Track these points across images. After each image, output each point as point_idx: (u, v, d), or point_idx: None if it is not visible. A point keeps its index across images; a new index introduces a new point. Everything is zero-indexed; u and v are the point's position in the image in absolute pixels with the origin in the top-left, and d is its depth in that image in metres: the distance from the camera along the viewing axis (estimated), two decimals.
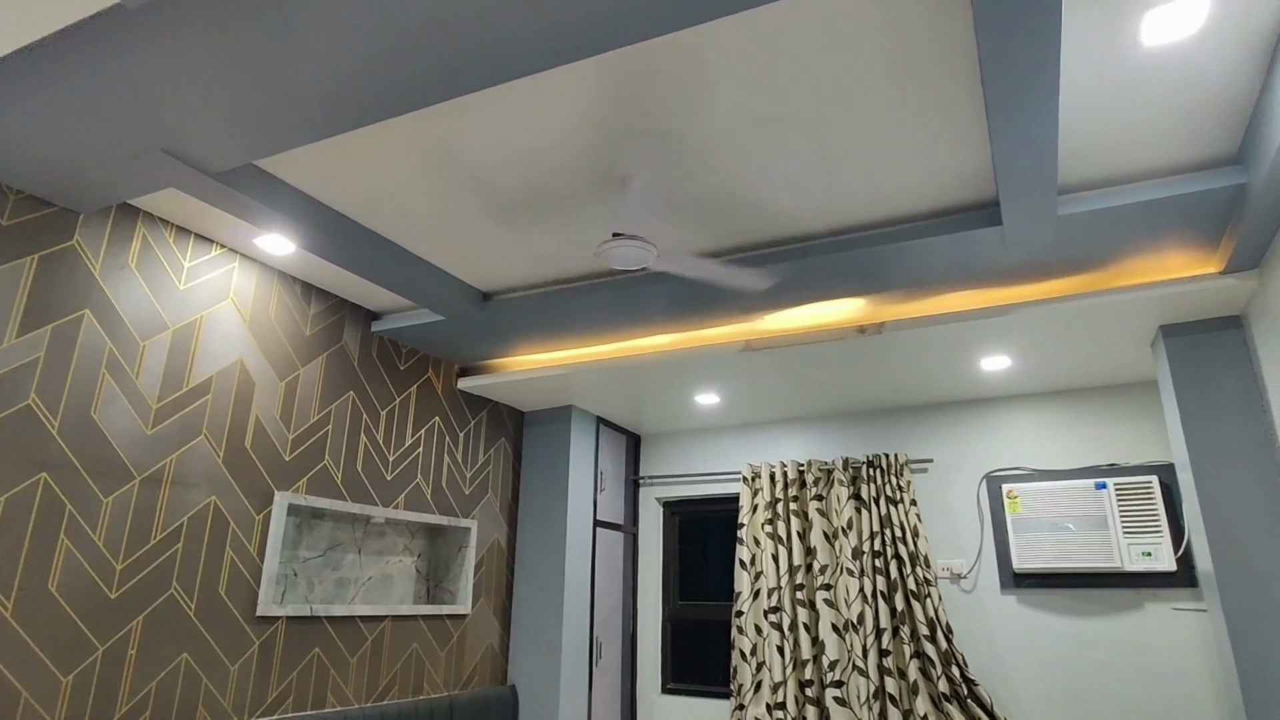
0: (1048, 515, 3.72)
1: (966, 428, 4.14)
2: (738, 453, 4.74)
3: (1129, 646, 3.52)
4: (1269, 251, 2.53)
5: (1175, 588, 3.49)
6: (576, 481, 4.35)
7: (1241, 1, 1.75)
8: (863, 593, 4.01)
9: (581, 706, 4.07)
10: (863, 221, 2.73)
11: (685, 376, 3.89)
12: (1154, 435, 3.71)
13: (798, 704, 4.04)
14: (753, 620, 4.27)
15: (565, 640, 4.03)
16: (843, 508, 4.19)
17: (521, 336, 3.67)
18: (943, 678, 3.71)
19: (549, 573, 4.16)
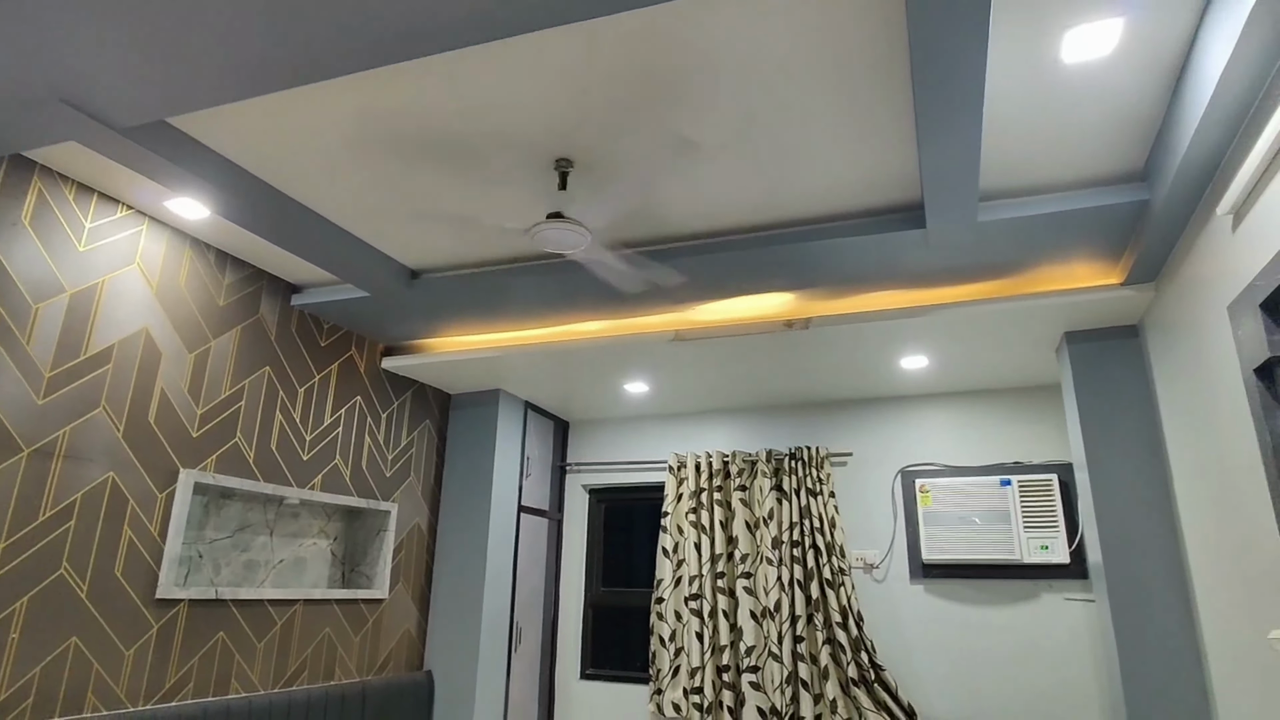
0: (956, 509, 3.89)
1: (885, 423, 4.29)
2: (664, 442, 4.77)
3: (1024, 633, 3.73)
4: (1165, 265, 2.71)
5: (1068, 579, 3.71)
6: (502, 466, 4.30)
7: (1151, 25, 1.85)
8: (780, 581, 4.11)
9: (499, 693, 4.04)
10: (794, 218, 2.78)
11: (616, 364, 3.89)
12: (1055, 436, 3.93)
13: (714, 688, 4.12)
14: (673, 607, 4.33)
15: (485, 626, 3.99)
16: (765, 498, 4.29)
17: (450, 317, 3.60)
18: (852, 663, 3.84)
19: (471, 558, 4.11)
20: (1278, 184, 1.79)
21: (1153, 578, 2.90)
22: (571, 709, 4.54)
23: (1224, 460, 2.30)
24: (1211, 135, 1.98)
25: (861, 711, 3.78)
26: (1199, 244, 2.34)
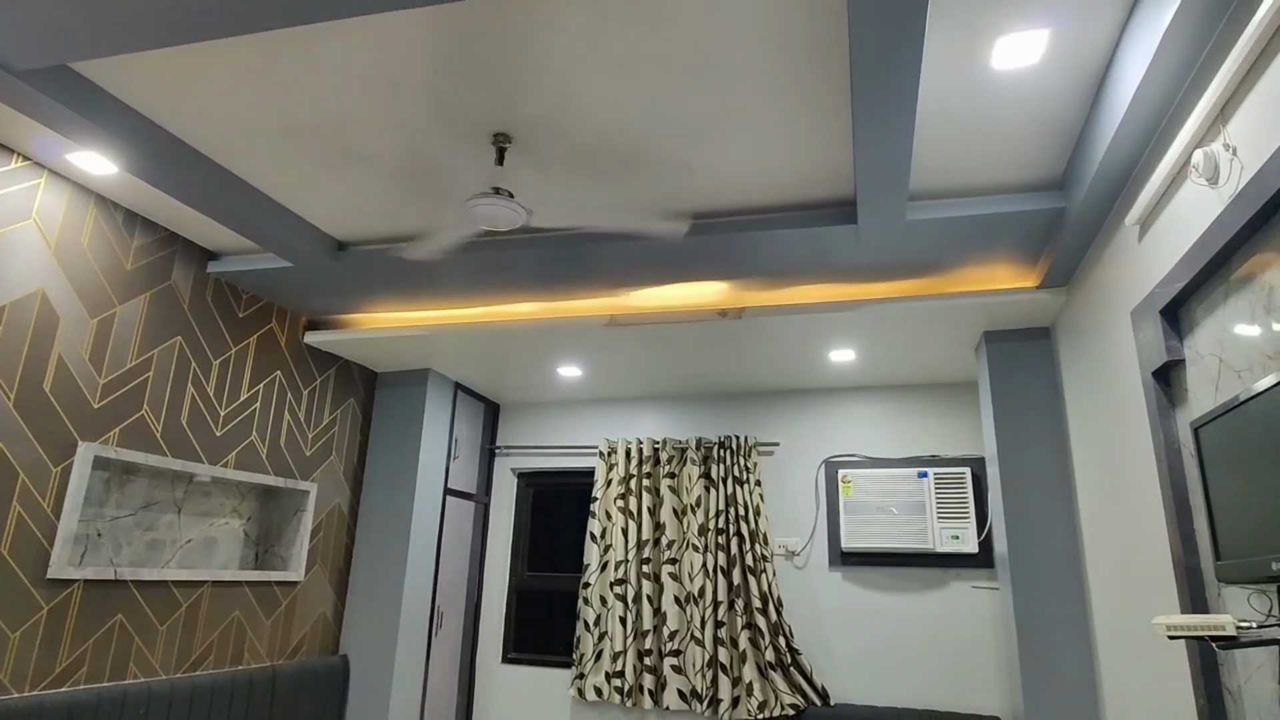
0: (875, 499, 4.02)
1: (811, 415, 4.39)
2: (596, 427, 4.77)
3: (933, 619, 3.89)
4: (1077, 271, 2.84)
5: (976, 568, 3.89)
6: (429, 448, 4.22)
7: (1075, 38, 1.93)
8: (705, 568, 4.17)
9: (417, 677, 3.97)
10: (730, 207, 2.80)
11: (549, 347, 3.86)
12: (971, 431, 4.10)
13: (636, 672, 4.15)
14: (599, 592, 4.34)
15: (405, 610, 3.91)
16: (693, 485, 4.33)
17: (378, 292, 3.49)
18: (770, 647, 3.94)
19: (393, 540, 4.01)
20: (1180, 198, 1.90)
21: (1052, 568, 3.06)
22: (492, 693, 4.51)
23: (1121, 458, 2.44)
24: (1124, 148, 2.08)
25: (777, 694, 3.88)
26: (1108, 252, 2.47)
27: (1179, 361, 1.96)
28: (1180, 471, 1.98)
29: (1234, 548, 1.56)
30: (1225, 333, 1.72)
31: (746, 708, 3.89)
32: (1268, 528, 1.42)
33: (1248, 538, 1.50)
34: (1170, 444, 2.00)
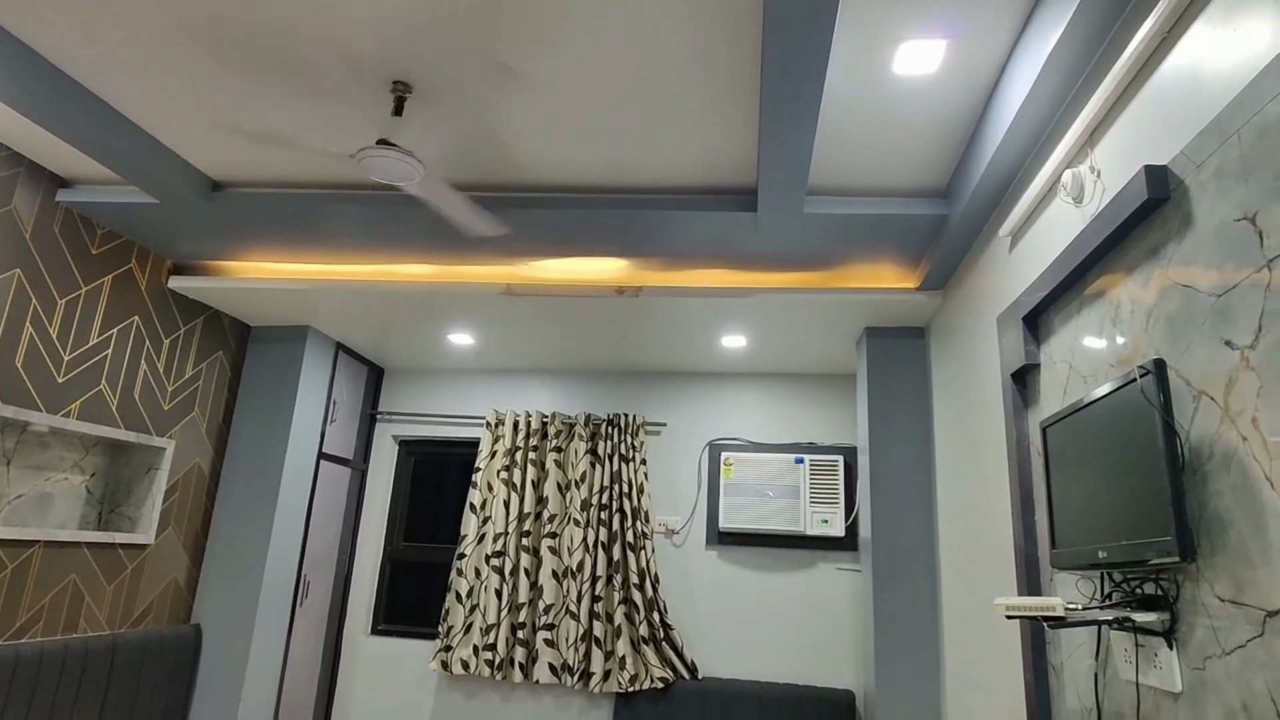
0: (754, 482, 4.16)
1: (700, 397, 4.48)
2: (484, 398, 4.67)
3: (799, 598, 4.09)
4: (953, 276, 3.03)
5: (841, 551, 4.11)
6: (305, 409, 4.00)
7: (969, 54, 2.04)
8: (585, 542, 4.19)
9: (277, 648, 3.79)
10: (634, 184, 2.79)
11: (441, 312, 3.73)
12: (846, 421, 4.30)
13: (508, 645, 4.13)
14: (474, 564, 4.27)
15: (268, 578, 3.71)
16: (579, 461, 4.33)
17: (257, 239, 3.26)
18: (644, 622, 4.02)
19: (258, 505, 3.79)
20: (1049, 214, 2.05)
21: (909, 553, 3.27)
22: (358, 665, 4.37)
23: (977, 453, 2.64)
24: (1005, 163, 2.22)
25: (648, 667, 3.96)
26: (982, 260, 2.64)
27: (1035, 365, 2.12)
28: (1028, 467, 2.15)
29: (1067, 538, 1.71)
30: (1076, 341, 1.88)
31: (617, 680, 3.96)
32: (1096, 520, 1.56)
33: (1079, 529, 1.65)
34: (1021, 441, 2.18)
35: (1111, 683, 1.65)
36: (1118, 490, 1.48)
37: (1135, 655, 1.53)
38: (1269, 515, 1.17)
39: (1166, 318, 1.47)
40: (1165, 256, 1.48)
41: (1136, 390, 1.40)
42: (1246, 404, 1.23)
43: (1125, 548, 1.42)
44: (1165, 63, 1.50)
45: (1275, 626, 1.15)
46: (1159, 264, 1.50)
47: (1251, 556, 1.21)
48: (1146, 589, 1.50)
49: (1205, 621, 1.32)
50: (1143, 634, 1.50)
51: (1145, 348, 1.55)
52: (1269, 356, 1.17)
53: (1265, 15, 1.20)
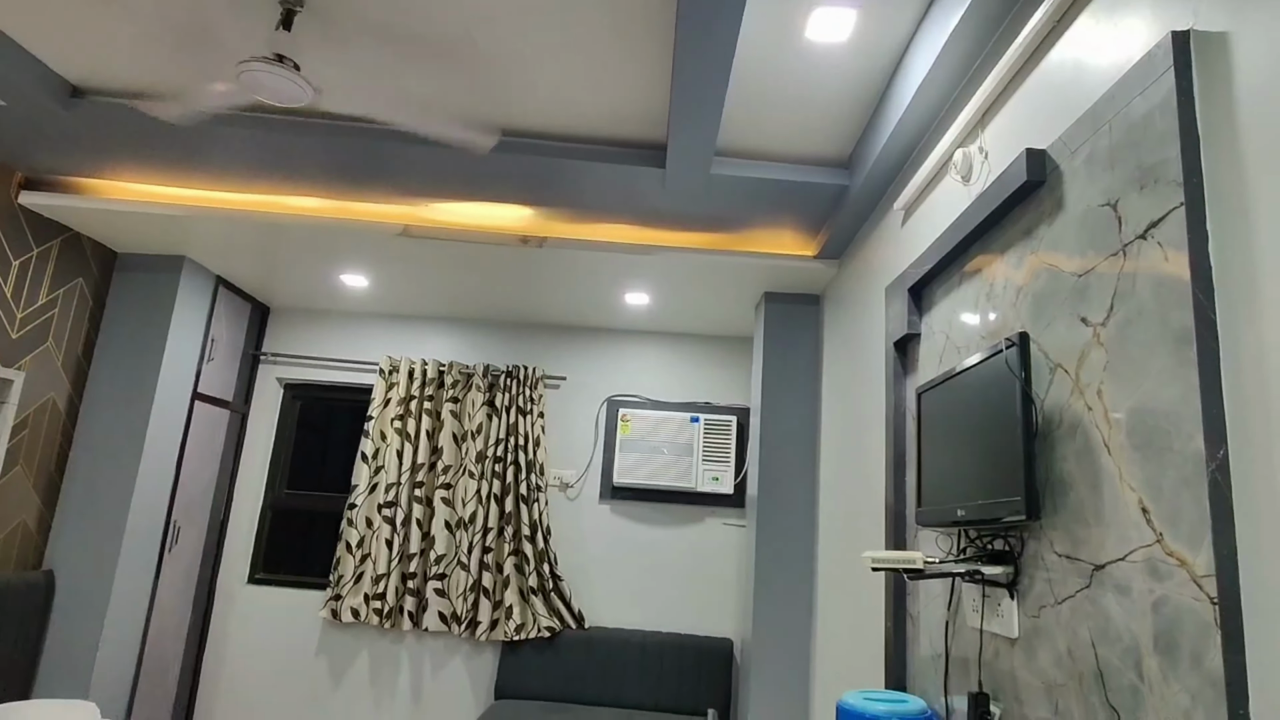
0: (649, 439, 4.23)
1: (600, 353, 4.48)
2: (378, 343, 4.51)
3: (687, 552, 4.22)
4: (849, 247, 3.13)
5: (729, 507, 4.25)
6: (178, 346, 3.73)
7: (878, 26, 2.07)
8: (479, 494, 4.16)
9: (142, 595, 3.59)
10: (539, 129, 2.71)
11: (333, 251, 3.55)
12: (742, 383, 4.42)
13: (397, 594, 4.08)
14: (365, 514, 4.16)
15: (132, 522, 3.48)
16: (476, 412, 4.26)
17: (124, 156, 2.98)
18: (534, 573, 4.04)
19: (123, 445, 3.53)
20: (940, 190, 2.14)
21: (791, 510, 3.42)
22: (234, 614, 4.20)
23: (859, 418, 2.77)
24: (903, 138, 2.30)
25: (535, 617, 4.01)
26: (876, 232, 2.74)
27: (916, 335, 2.23)
28: (903, 431, 2.27)
29: (932, 497, 1.83)
30: (954, 314, 1.98)
31: (504, 629, 3.99)
32: (957, 481, 1.67)
33: (942, 489, 1.76)
34: (899, 407, 2.29)
35: (960, 630, 1.79)
36: (978, 454, 1.58)
37: (982, 605, 1.67)
38: (1105, 478, 1.28)
39: (1034, 295, 1.57)
40: (1037, 237, 1.57)
41: (1002, 361, 1.50)
42: (1094, 377, 1.33)
43: (981, 507, 1.53)
44: (1053, 51, 1.57)
45: (1101, 579, 1.27)
46: (1031, 244, 1.59)
47: (1087, 516, 1.32)
48: (996, 545, 1.63)
49: (1044, 575, 1.45)
50: (989, 586, 1.63)
51: (1013, 322, 1.65)
52: (1117, 334, 1.27)
53: (1143, 13, 1.28)
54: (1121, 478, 1.23)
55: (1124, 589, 1.20)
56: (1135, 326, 1.22)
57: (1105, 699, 1.23)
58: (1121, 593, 1.21)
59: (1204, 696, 1.02)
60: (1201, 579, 1.03)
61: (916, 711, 1.82)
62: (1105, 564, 1.26)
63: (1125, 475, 1.22)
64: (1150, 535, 1.15)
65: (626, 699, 3.87)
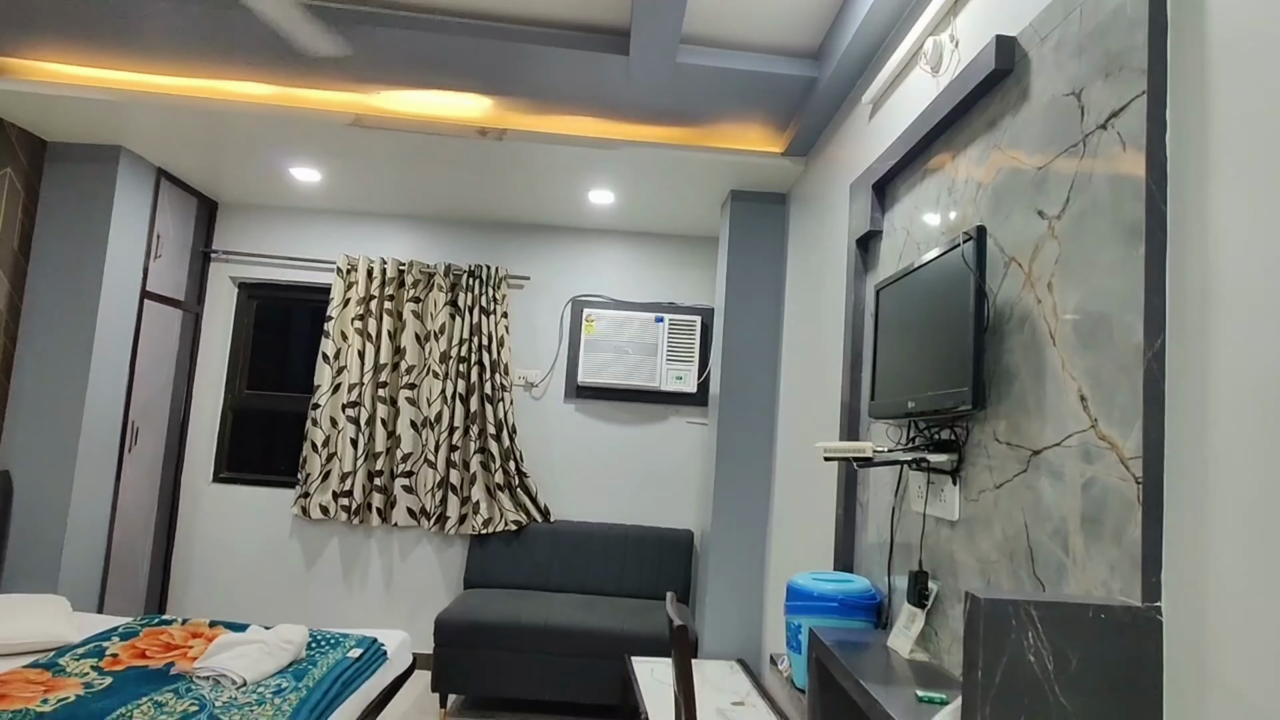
0: (614, 339, 4.24)
1: (565, 253, 4.41)
2: (335, 241, 4.38)
3: (650, 449, 4.32)
4: (816, 143, 3.07)
5: (692, 405, 4.34)
6: (122, 242, 3.58)
7: None
8: (444, 394, 4.17)
9: (104, 496, 3.59)
10: (501, 11, 2.56)
11: (282, 141, 3.38)
12: (706, 283, 4.42)
13: (365, 492, 4.14)
14: (329, 414, 4.16)
15: (87, 422, 3.44)
16: (438, 312, 4.22)
17: (50, 33, 2.75)
18: (500, 470, 4.12)
19: (71, 346, 3.44)
20: (909, 83, 2.09)
21: (752, 407, 3.50)
22: (200, 512, 4.24)
23: (820, 316, 2.80)
24: (874, 28, 2.22)
25: (502, 512, 4.12)
26: (844, 128, 2.68)
27: (878, 233, 2.23)
28: (861, 329, 2.31)
29: (884, 391, 1.88)
30: (916, 210, 1.98)
31: (472, 524, 4.10)
32: (909, 374, 1.72)
33: (895, 382, 1.81)
34: (858, 304, 2.32)
35: (905, 516, 1.89)
36: (930, 348, 1.62)
37: (926, 491, 1.75)
38: (1048, 369, 1.32)
39: (994, 189, 1.56)
40: (1001, 129, 1.55)
41: (958, 256, 1.51)
42: (1046, 270, 1.35)
43: (931, 398, 1.58)
44: None
45: (1037, 463, 1.33)
46: (995, 137, 1.57)
47: (1029, 405, 1.37)
48: (943, 435, 1.69)
49: (985, 461, 1.52)
50: (934, 473, 1.71)
51: (973, 218, 1.65)
52: (1072, 227, 1.28)
53: None
54: (1064, 368, 1.27)
55: (1057, 472, 1.27)
56: (1089, 218, 1.23)
57: (1033, 572, 1.32)
58: (1055, 476, 1.27)
59: (1121, 567, 1.09)
60: (1129, 460, 1.09)
61: (860, 590, 1.93)
62: (1042, 449, 1.32)
63: (1068, 365, 1.26)
64: (1086, 421, 1.20)
65: (591, 586, 4.05)
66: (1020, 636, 1.01)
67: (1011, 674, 1.00)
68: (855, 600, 1.89)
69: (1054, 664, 1.01)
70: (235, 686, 2.39)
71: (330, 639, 2.90)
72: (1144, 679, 1.01)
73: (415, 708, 3.65)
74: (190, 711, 2.16)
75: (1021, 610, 1.01)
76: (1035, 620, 1.01)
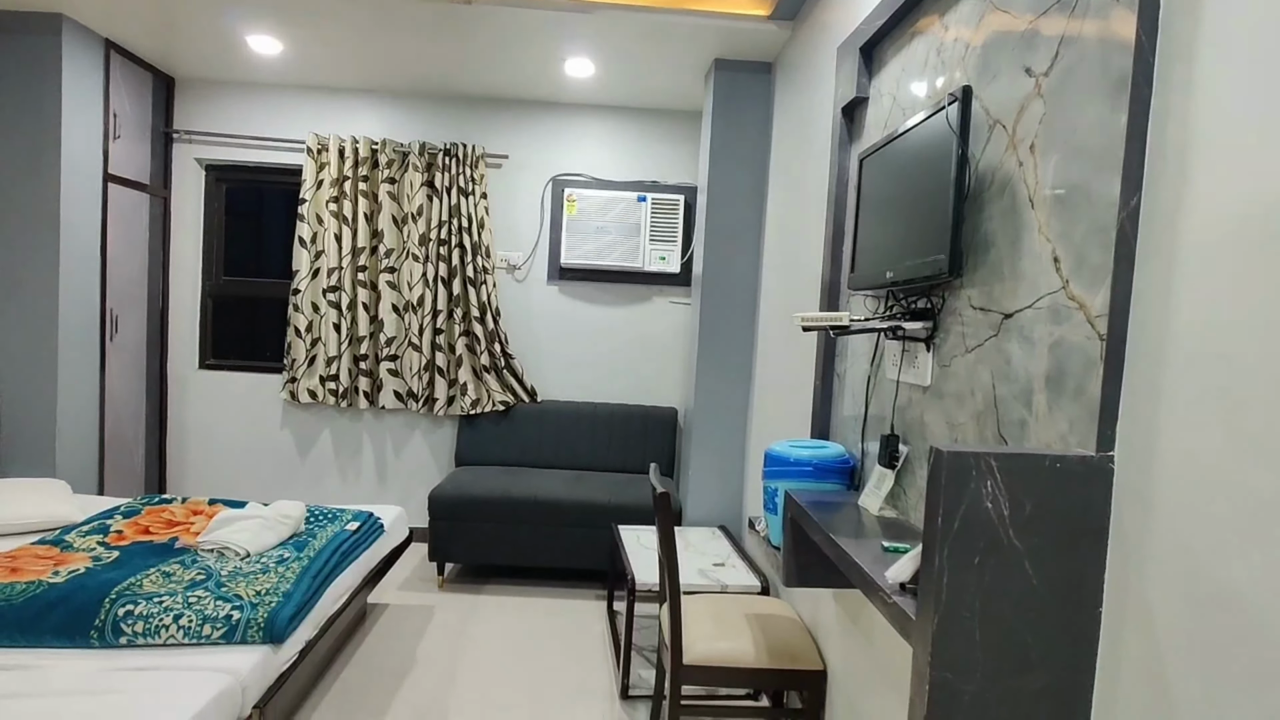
0: (596, 220, 4.18)
1: (544, 130, 4.26)
2: (303, 119, 4.19)
3: (634, 330, 4.35)
4: (803, 7, 2.91)
5: (676, 286, 4.34)
6: (76, 121, 3.41)
7: None
8: (425, 277, 4.13)
9: (90, 384, 3.60)
10: None
11: (233, 5, 3.16)
12: (689, 161, 4.31)
13: (351, 375, 4.18)
14: (310, 299, 4.13)
15: (64, 310, 3.40)
16: (415, 194, 4.11)
17: None
18: (485, 353, 4.16)
19: (37, 231, 3.35)
20: None
21: (735, 285, 3.50)
22: (189, 398, 4.28)
23: (803, 190, 2.75)
24: None
25: (489, 393, 4.18)
26: None
27: (864, 99, 2.16)
28: (844, 201, 2.28)
29: (864, 262, 1.88)
30: (903, 75, 1.91)
31: (460, 405, 4.17)
32: (888, 245, 1.72)
33: (874, 254, 1.81)
34: (841, 176, 2.28)
35: (879, 384, 1.94)
36: (911, 217, 1.61)
37: (900, 359, 1.79)
38: (1025, 233, 1.32)
39: (982, 48, 1.51)
40: None
41: (942, 120, 1.47)
42: (1030, 130, 1.33)
43: (909, 267, 1.59)
44: None
45: (1008, 327, 1.36)
46: None
47: (1004, 270, 1.39)
48: (919, 304, 1.71)
49: (958, 328, 1.55)
50: (909, 341, 1.74)
51: (960, 82, 1.60)
52: (1058, 84, 1.25)
53: None
54: (1040, 230, 1.28)
55: (1026, 334, 1.30)
56: (1076, 74, 1.20)
57: (998, 431, 1.37)
58: (1024, 338, 1.30)
59: (1080, 422, 1.14)
60: (1095, 319, 1.12)
61: (835, 455, 2.01)
62: (1013, 312, 1.34)
63: (1044, 228, 1.27)
64: (1057, 282, 1.22)
65: (579, 462, 4.18)
66: (979, 486, 1.06)
67: (970, 519, 1.06)
68: (829, 464, 1.98)
69: (1010, 510, 1.07)
70: (239, 558, 2.50)
71: (328, 514, 3.02)
72: (1092, 523, 1.08)
73: (416, 575, 3.85)
74: (198, 579, 2.27)
75: (982, 462, 1.06)
76: (995, 470, 1.06)
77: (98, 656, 1.95)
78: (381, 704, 2.62)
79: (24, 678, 1.84)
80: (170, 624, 2.02)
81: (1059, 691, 1.10)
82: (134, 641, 2.00)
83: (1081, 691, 1.10)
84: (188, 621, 2.03)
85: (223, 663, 1.94)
